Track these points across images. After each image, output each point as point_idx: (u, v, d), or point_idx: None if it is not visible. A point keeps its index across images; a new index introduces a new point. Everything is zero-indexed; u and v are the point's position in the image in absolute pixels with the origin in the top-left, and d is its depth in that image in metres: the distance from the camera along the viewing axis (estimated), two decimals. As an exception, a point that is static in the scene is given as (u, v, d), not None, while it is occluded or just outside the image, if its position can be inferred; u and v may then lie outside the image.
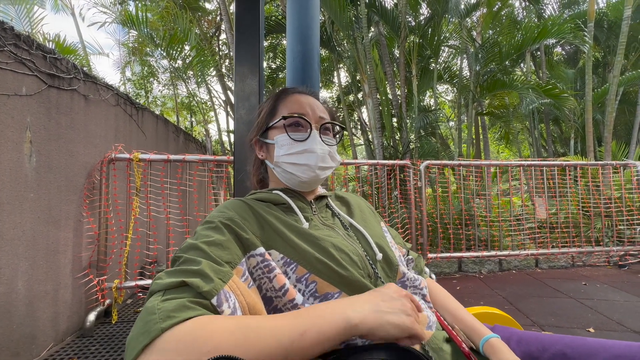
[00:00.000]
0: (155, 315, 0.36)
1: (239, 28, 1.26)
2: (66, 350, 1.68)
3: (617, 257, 3.33)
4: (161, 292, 0.40)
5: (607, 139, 4.81)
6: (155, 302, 0.38)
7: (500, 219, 3.30)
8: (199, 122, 7.99)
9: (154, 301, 0.39)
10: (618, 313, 2.05)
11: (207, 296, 0.40)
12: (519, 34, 4.58)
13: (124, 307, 2.29)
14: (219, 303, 0.41)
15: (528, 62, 6.54)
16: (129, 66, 5.79)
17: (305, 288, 0.51)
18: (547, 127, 6.76)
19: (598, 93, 5.31)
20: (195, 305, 0.39)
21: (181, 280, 0.41)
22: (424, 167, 3.01)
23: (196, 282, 0.41)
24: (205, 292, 0.40)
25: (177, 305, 0.37)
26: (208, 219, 0.54)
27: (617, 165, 3.45)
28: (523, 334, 0.61)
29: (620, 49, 4.66)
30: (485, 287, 2.73)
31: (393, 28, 4.64)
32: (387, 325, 0.41)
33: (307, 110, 0.66)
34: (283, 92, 0.70)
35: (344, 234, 0.60)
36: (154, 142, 3.00)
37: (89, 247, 2.00)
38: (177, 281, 0.41)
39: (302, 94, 0.69)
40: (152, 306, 0.38)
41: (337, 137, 0.72)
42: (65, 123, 1.84)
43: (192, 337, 0.35)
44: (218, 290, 0.41)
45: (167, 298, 0.39)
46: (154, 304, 0.38)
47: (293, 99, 0.68)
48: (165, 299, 0.39)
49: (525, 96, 4.44)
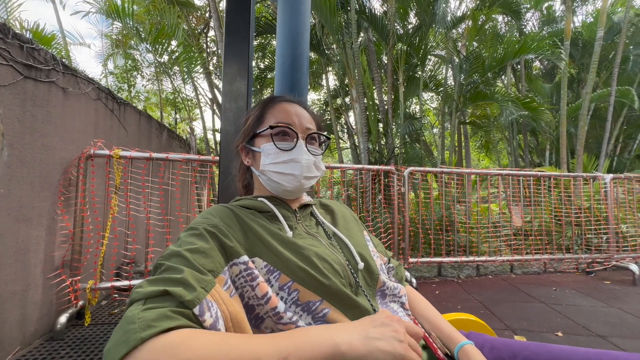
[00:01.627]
0: (135, 324, 0.36)
1: (228, 30, 1.26)
2: (34, 354, 1.60)
3: (585, 265, 3.51)
4: (142, 300, 0.40)
5: (579, 151, 5.08)
6: (135, 311, 0.38)
7: (478, 225, 3.41)
8: (183, 120, 7.82)
9: (134, 310, 0.38)
10: (584, 318, 2.17)
11: (190, 305, 0.40)
12: (501, 47, 4.77)
13: (98, 308, 2.21)
14: (201, 312, 0.41)
15: (509, 74, 6.82)
16: (112, 58, 5.60)
17: (287, 296, 0.51)
18: (525, 138, 7.06)
19: (572, 108, 5.61)
20: (177, 315, 0.38)
21: (163, 289, 0.40)
22: (408, 173, 3.08)
23: (178, 292, 0.40)
24: (187, 302, 0.40)
25: (158, 315, 0.37)
26: (192, 225, 0.53)
27: (588, 177, 3.65)
28: (495, 340, 0.64)
29: (592, 67, 4.94)
30: (463, 291, 2.81)
31: (382, 35, 4.72)
32: (377, 352, 0.40)
33: (294, 120, 0.66)
34: (271, 100, 0.71)
35: (327, 243, 0.61)
36: (136, 138, 2.91)
37: (62, 246, 1.92)
38: (159, 290, 0.40)
39: (290, 102, 0.70)
40: (132, 315, 0.37)
41: (322, 147, 0.73)
42: (42, 116, 1.77)
43: (173, 350, 0.34)
44: (200, 300, 0.41)
45: (148, 307, 0.38)
46: (134, 313, 0.38)
47: (281, 107, 0.68)
48: (146, 308, 0.38)
49: (505, 108, 4.62)
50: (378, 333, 0.42)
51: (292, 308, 0.51)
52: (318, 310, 0.51)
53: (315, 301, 0.52)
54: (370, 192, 3.17)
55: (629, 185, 3.72)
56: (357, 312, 0.54)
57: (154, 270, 0.47)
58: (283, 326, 0.49)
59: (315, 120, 0.72)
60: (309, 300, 0.52)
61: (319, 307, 0.51)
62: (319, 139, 0.71)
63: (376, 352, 0.40)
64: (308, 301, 0.52)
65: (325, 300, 0.52)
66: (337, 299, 0.52)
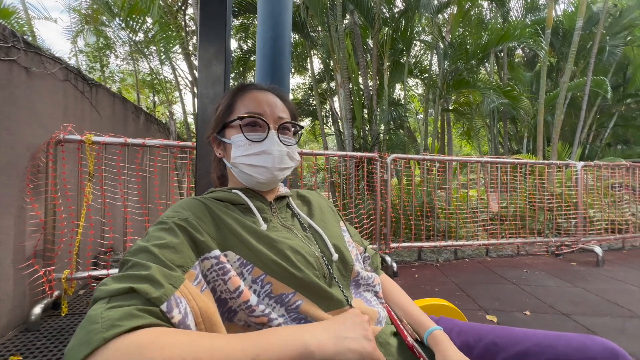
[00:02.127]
0: (98, 324, 0.34)
1: (204, 9, 1.19)
2: (7, 346, 1.56)
3: (555, 247, 3.72)
4: (106, 299, 0.38)
5: (554, 139, 5.27)
6: (99, 310, 0.36)
7: (458, 211, 3.52)
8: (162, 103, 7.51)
9: (97, 309, 0.37)
10: (551, 297, 2.31)
11: (157, 302, 0.39)
12: (485, 34, 4.79)
13: (76, 298, 2.16)
14: (169, 309, 0.40)
15: (492, 62, 6.90)
16: (82, 35, 5.23)
17: (260, 289, 0.51)
18: (505, 125, 7.24)
19: (550, 96, 5.76)
20: (143, 313, 0.37)
21: (129, 287, 0.39)
22: (391, 160, 3.11)
23: (145, 288, 0.39)
24: (154, 299, 0.39)
25: (124, 314, 0.36)
26: (161, 220, 0.52)
27: (561, 164, 3.81)
28: (463, 325, 0.67)
29: (571, 56, 5.07)
30: (441, 274, 2.93)
31: (367, 18, 4.63)
32: (347, 352, 0.41)
33: (264, 110, 0.64)
34: (241, 88, 0.68)
35: (302, 235, 0.62)
36: (110, 122, 2.78)
37: (33, 235, 1.84)
38: (125, 287, 0.39)
39: (262, 91, 0.68)
40: (95, 314, 0.36)
41: (297, 136, 0.71)
42: (3, 98, 1.65)
43: (139, 350, 0.33)
44: (168, 296, 0.40)
45: (113, 305, 0.37)
46: (98, 311, 0.36)
47: (251, 96, 0.66)
48: (111, 307, 0.37)
49: (487, 96, 4.70)
50: (348, 332, 0.43)
51: (265, 300, 0.51)
52: (291, 302, 0.52)
53: (288, 293, 0.52)
54: (353, 178, 3.19)
55: (598, 172, 3.91)
56: (330, 303, 0.54)
57: (120, 267, 0.45)
58: (256, 319, 0.49)
59: (289, 108, 0.70)
60: (282, 292, 0.52)
61: (292, 299, 0.52)
62: (293, 128, 0.69)
63: (346, 352, 0.41)
64: (281, 293, 0.52)
65: (298, 292, 0.52)
66: (310, 290, 0.53)
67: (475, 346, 0.60)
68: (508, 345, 0.57)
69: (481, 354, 0.59)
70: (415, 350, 0.55)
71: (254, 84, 0.69)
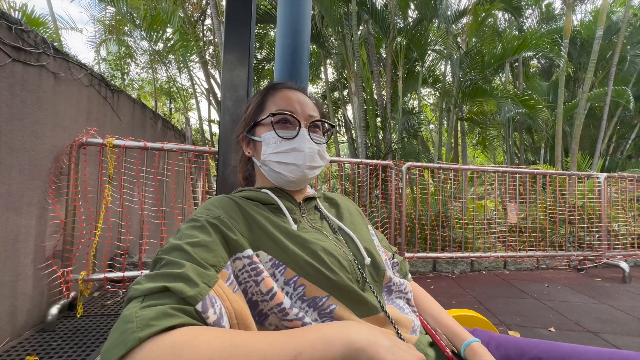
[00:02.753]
0: (132, 323, 0.33)
1: (229, 16, 1.21)
2: (24, 345, 1.57)
3: (577, 262, 3.56)
4: (140, 298, 0.37)
5: (574, 150, 5.12)
6: (133, 310, 0.35)
7: (474, 221, 3.43)
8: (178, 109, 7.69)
9: (132, 308, 0.36)
10: (576, 314, 2.20)
11: (192, 302, 0.38)
12: (500, 44, 4.75)
13: (91, 300, 2.18)
14: (204, 309, 0.38)
15: (507, 72, 6.82)
16: (105, 45, 5.44)
17: (293, 291, 0.49)
18: (521, 135, 7.10)
19: (568, 106, 5.63)
20: (177, 312, 0.36)
21: (163, 286, 0.38)
22: (406, 168, 3.07)
23: (179, 287, 0.38)
24: (189, 298, 0.37)
25: (158, 313, 0.35)
26: (194, 217, 0.51)
27: (582, 175, 3.68)
28: (501, 338, 0.63)
29: (591, 66, 4.95)
30: (457, 286, 2.83)
31: (382, 28, 4.66)
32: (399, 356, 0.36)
33: (295, 107, 0.63)
34: (272, 87, 0.68)
35: (332, 238, 0.59)
36: (129, 127, 2.85)
37: (53, 236, 1.87)
38: (159, 286, 0.38)
39: (292, 89, 0.67)
40: (129, 314, 0.35)
41: (326, 135, 0.70)
42: (32, 102, 1.70)
43: (175, 351, 0.32)
44: (203, 296, 0.39)
45: (147, 305, 0.36)
46: (132, 311, 0.35)
47: (282, 94, 0.65)
48: (145, 306, 0.36)
49: (503, 105, 4.63)
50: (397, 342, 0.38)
51: (297, 304, 0.49)
52: (325, 306, 0.49)
53: (322, 297, 0.50)
54: (367, 186, 3.16)
55: (622, 185, 3.76)
56: (365, 308, 0.52)
57: (153, 265, 0.44)
58: (289, 323, 0.47)
59: (319, 107, 0.69)
60: (315, 295, 0.50)
61: (325, 302, 0.49)
62: (323, 126, 0.68)
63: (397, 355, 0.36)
64: (315, 296, 0.50)
65: (332, 296, 0.50)
66: (344, 294, 0.50)
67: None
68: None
69: (524, 370, 0.54)
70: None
71: (284, 83, 0.69)
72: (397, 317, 0.54)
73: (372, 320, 0.51)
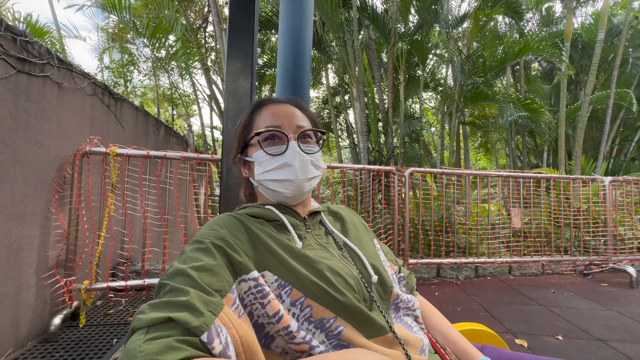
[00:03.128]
0: (137, 359, 0.33)
1: (231, 26, 1.22)
2: (26, 356, 1.56)
3: (583, 267, 3.52)
4: (144, 329, 0.36)
5: (578, 153, 5.09)
6: (137, 343, 0.34)
7: (478, 226, 3.40)
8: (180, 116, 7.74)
9: (136, 341, 0.35)
10: (583, 321, 2.17)
11: (197, 332, 0.37)
12: (501, 48, 4.75)
13: (93, 309, 2.17)
14: (209, 339, 0.37)
15: (508, 75, 6.82)
16: (108, 52, 5.49)
17: (300, 312, 0.48)
18: (523, 138, 7.07)
19: (571, 109, 5.61)
20: (182, 344, 0.35)
21: (167, 316, 0.37)
22: (409, 174, 3.05)
23: (184, 317, 0.37)
24: (194, 328, 0.37)
25: (163, 346, 0.34)
26: (198, 238, 0.50)
27: (587, 179, 3.65)
28: (511, 355, 0.61)
29: (593, 69, 4.94)
30: (462, 293, 2.80)
31: (383, 33, 4.68)
32: None
33: (282, 122, 0.62)
34: (258, 105, 0.67)
35: (338, 255, 0.58)
36: (132, 135, 2.86)
37: (57, 245, 1.87)
38: (163, 317, 0.37)
39: (278, 103, 0.66)
40: (133, 347, 0.34)
41: (320, 144, 0.68)
42: (36, 112, 1.71)
43: None
44: (209, 325, 0.38)
45: (151, 337, 0.35)
46: (136, 344, 0.34)
47: (268, 110, 0.64)
48: (149, 339, 0.35)
49: (505, 108, 4.62)
50: None
51: (304, 325, 0.48)
52: (332, 328, 0.48)
53: (329, 318, 0.49)
54: (370, 192, 3.15)
55: (627, 188, 3.73)
56: (372, 329, 0.51)
57: (157, 291, 0.43)
58: (296, 346, 0.46)
59: (309, 117, 0.67)
60: (322, 317, 0.49)
61: (333, 324, 0.48)
62: (316, 135, 0.66)
63: None
64: (322, 318, 0.49)
65: (339, 317, 0.49)
66: (352, 315, 0.49)
67: (529, 380, 0.54)
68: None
69: (537, 391, 0.53)
70: (467, 384, 0.51)
71: (270, 99, 0.68)
72: (405, 337, 0.53)
73: (381, 341, 0.50)
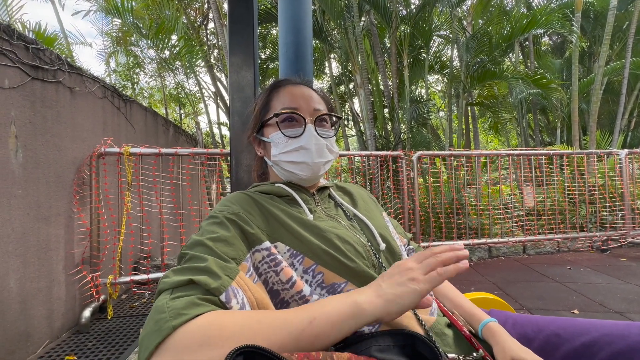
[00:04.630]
0: (165, 313, 0.37)
1: (232, 18, 1.24)
2: (62, 347, 1.67)
3: (600, 242, 3.46)
4: (169, 290, 0.41)
5: (592, 128, 4.94)
6: (164, 301, 0.39)
7: (490, 207, 3.38)
8: (187, 115, 7.84)
9: (162, 300, 0.39)
10: (600, 295, 2.15)
11: (216, 293, 0.41)
12: (508, 24, 4.60)
13: (119, 302, 2.28)
14: (227, 299, 0.41)
15: (517, 52, 6.61)
16: (114, 56, 5.59)
17: (312, 279, 0.52)
18: (535, 116, 6.89)
19: (584, 83, 5.42)
20: (204, 302, 0.39)
21: (189, 279, 0.41)
22: (417, 158, 3.04)
23: (204, 280, 0.41)
24: (213, 289, 0.41)
25: (187, 303, 0.38)
26: (213, 214, 0.54)
27: (602, 153, 3.56)
28: (518, 317, 0.64)
29: (605, 39, 4.75)
30: (475, 273, 2.81)
31: (384, 17, 4.60)
32: (395, 300, 0.41)
33: (300, 104, 0.64)
34: (275, 85, 0.69)
35: (347, 225, 0.61)
36: (143, 135, 2.93)
37: (81, 243, 1.97)
38: (185, 279, 0.41)
39: (296, 84, 0.68)
40: (161, 305, 0.38)
41: (334, 128, 0.70)
42: (52, 117, 1.79)
43: (203, 333, 0.35)
44: (226, 287, 0.42)
45: (176, 296, 0.39)
46: (163, 302, 0.39)
47: (286, 91, 0.66)
48: (174, 297, 0.39)
49: (514, 86, 4.50)
50: (390, 284, 0.43)
51: (317, 290, 0.52)
52: (344, 292, 0.52)
53: (340, 283, 0.52)
54: (379, 178, 3.15)
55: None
56: None
57: (178, 260, 0.48)
58: None
59: (325, 100, 0.69)
60: (334, 282, 0.52)
61: (344, 288, 0.52)
62: (331, 119, 0.68)
63: (394, 300, 0.41)
64: (333, 283, 0.52)
65: (350, 282, 0.52)
66: (361, 280, 0.52)
67: (535, 338, 0.57)
68: (573, 336, 0.53)
69: (542, 346, 0.55)
70: (473, 341, 0.53)
71: (288, 79, 0.70)
72: None
73: None
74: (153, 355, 0.34)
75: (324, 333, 0.38)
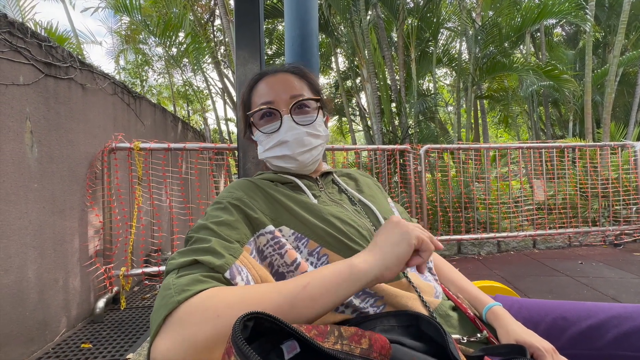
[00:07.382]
0: (171, 290, 0.39)
1: (238, 11, 1.25)
2: (78, 335, 1.73)
3: (613, 237, 3.39)
4: (175, 270, 0.43)
5: (606, 120, 4.81)
6: (170, 280, 0.41)
7: (499, 201, 3.34)
8: (195, 111, 7.92)
9: (169, 279, 0.42)
10: (613, 289, 2.12)
11: (220, 270, 0.43)
12: (518, 15, 4.50)
13: (132, 294, 2.34)
14: (231, 276, 0.43)
15: (528, 43, 6.45)
16: (123, 54, 5.67)
17: (317, 261, 0.53)
18: (546, 109, 6.73)
19: (598, 74, 5.27)
20: (208, 278, 0.41)
21: (193, 259, 0.43)
22: (424, 152, 3.02)
23: (207, 259, 0.43)
24: (217, 267, 0.43)
25: (191, 280, 0.40)
26: (217, 200, 0.55)
27: (615, 146, 3.47)
28: (524, 301, 0.64)
29: (621, 28, 4.60)
30: (484, 267, 2.79)
31: (391, 10, 4.55)
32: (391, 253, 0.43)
33: (274, 96, 0.61)
34: (254, 79, 0.67)
35: (352, 210, 0.62)
36: (152, 131, 2.98)
37: (94, 236, 2.03)
38: (189, 260, 0.43)
39: (274, 73, 0.64)
40: (167, 283, 0.41)
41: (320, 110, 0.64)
42: (65, 113, 1.83)
43: (204, 307, 0.37)
44: (230, 265, 0.44)
45: (181, 275, 0.42)
46: (169, 281, 0.41)
47: (262, 85, 0.64)
48: (179, 276, 0.41)
49: (525, 78, 4.41)
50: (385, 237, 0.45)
51: None
52: None
53: None
54: (386, 172, 3.14)
55: (661, 153, 3.51)
56: None
57: (185, 243, 0.50)
58: None
59: (308, 82, 0.65)
60: None
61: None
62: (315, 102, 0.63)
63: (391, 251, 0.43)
64: None
65: None
66: None
67: (541, 321, 0.57)
68: (579, 318, 0.53)
69: (548, 329, 0.55)
70: (477, 322, 0.54)
71: (267, 70, 0.67)
72: (419, 283, 0.57)
73: (395, 286, 0.54)
74: (162, 328, 0.37)
75: (319, 295, 0.39)
